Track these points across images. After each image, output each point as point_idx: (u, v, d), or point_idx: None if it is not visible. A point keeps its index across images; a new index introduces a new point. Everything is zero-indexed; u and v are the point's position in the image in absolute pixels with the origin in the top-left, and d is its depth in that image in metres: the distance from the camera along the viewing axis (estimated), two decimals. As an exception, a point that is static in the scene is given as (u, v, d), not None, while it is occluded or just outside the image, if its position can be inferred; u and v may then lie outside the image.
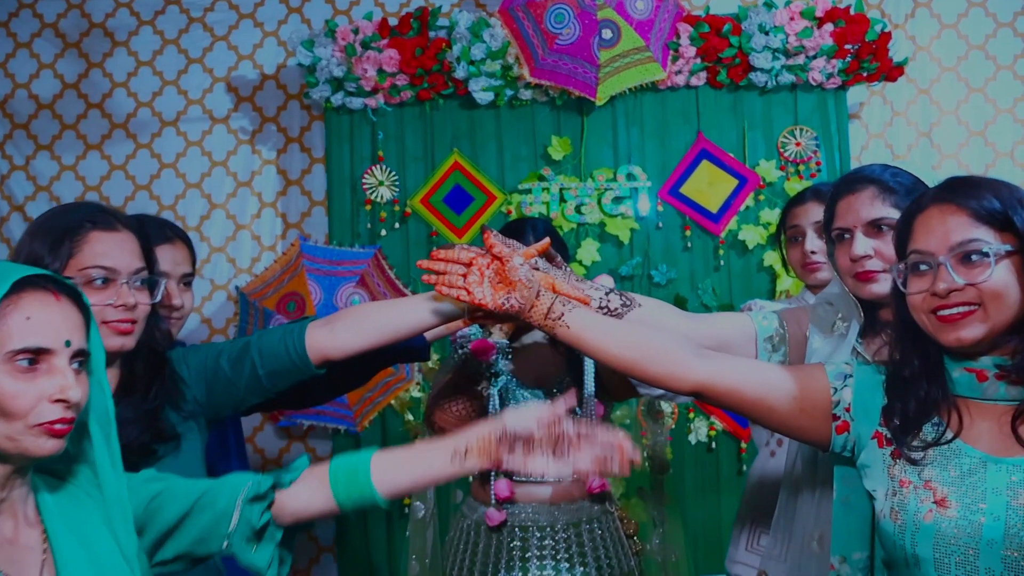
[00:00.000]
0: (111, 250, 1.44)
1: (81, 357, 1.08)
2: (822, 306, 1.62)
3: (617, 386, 2.01)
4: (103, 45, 3.57)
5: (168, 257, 1.76)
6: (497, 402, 2.01)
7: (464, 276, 1.41)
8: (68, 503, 1.12)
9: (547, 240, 1.51)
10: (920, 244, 1.22)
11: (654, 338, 1.38)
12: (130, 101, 3.57)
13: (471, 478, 2.11)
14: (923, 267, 1.21)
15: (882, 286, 1.49)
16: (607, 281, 1.92)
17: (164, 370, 1.52)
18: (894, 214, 1.49)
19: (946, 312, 1.19)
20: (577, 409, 2.06)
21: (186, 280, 1.82)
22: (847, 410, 1.30)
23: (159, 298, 1.51)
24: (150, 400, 1.47)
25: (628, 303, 1.52)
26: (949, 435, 1.22)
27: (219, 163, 3.55)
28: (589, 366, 2.02)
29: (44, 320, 1.05)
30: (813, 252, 2.02)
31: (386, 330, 1.51)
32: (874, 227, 1.50)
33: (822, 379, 1.33)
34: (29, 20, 3.56)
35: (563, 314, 1.39)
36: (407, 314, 1.51)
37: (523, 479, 2.05)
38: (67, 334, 1.06)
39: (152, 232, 1.73)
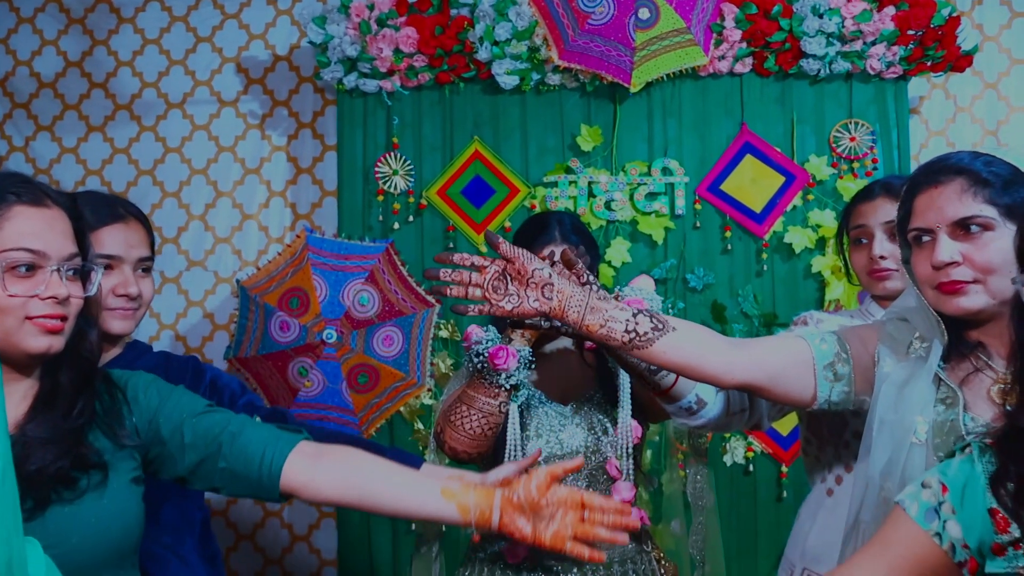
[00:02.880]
0: (40, 230, 1.20)
1: None
2: (894, 322, 1.35)
3: (654, 402, 1.75)
4: (109, 21, 3.39)
5: (120, 239, 1.53)
6: (518, 420, 1.75)
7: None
8: None
9: (565, 250, 1.37)
10: None
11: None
12: (135, 81, 3.38)
13: None
14: None
15: (972, 300, 1.23)
16: (646, 284, 1.68)
17: (94, 382, 1.27)
18: (988, 212, 1.22)
19: None
20: (609, 428, 1.79)
21: (144, 266, 1.60)
22: (965, 547, 1.03)
23: (93, 291, 1.27)
24: (74, 418, 1.22)
25: (660, 327, 1.27)
26: None
27: (227, 148, 3.34)
28: (624, 380, 1.75)
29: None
30: (882, 257, 1.73)
31: (373, 500, 1.28)
32: (962, 227, 1.23)
33: (916, 535, 1.05)
34: (33, -7, 3.39)
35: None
36: (405, 497, 1.27)
37: None
38: None
39: (99, 211, 1.51)
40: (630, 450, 1.76)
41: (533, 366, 1.72)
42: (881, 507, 1.24)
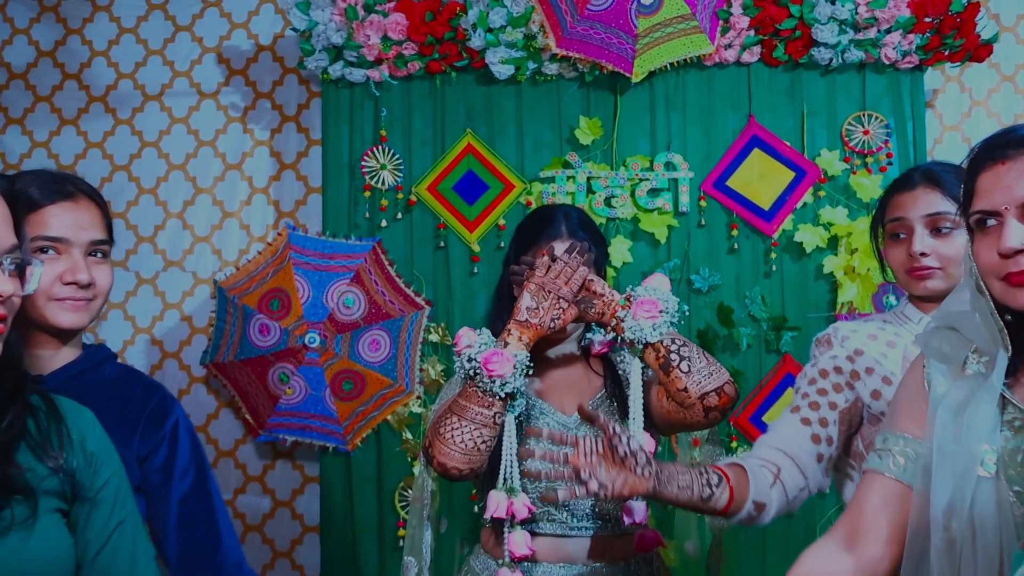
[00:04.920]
0: None
1: None
2: (942, 333, 1.17)
3: (670, 413, 1.58)
4: (83, 9, 3.23)
5: (69, 219, 1.36)
6: (514, 432, 1.58)
7: None
8: None
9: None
10: None
11: None
12: (110, 72, 3.21)
13: (483, 523, 1.67)
14: None
15: None
16: (661, 283, 1.57)
17: (23, 394, 1.09)
18: None
19: None
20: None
21: (97, 250, 1.41)
22: None
23: (32, 289, 1.10)
24: (2, 430, 1.05)
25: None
26: None
27: (206, 143, 3.18)
28: (636, 388, 1.58)
29: None
30: (923, 254, 1.55)
31: None
32: None
33: None
34: (3, -20, 3.23)
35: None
36: None
37: (547, 531, 1.61)
38: None
39: (44, 187, 1.34)
40: None
41: (531, 372, 1.56)
42: (947, 552, 1.06)
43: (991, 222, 1.07)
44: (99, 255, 1.41)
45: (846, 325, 1.64)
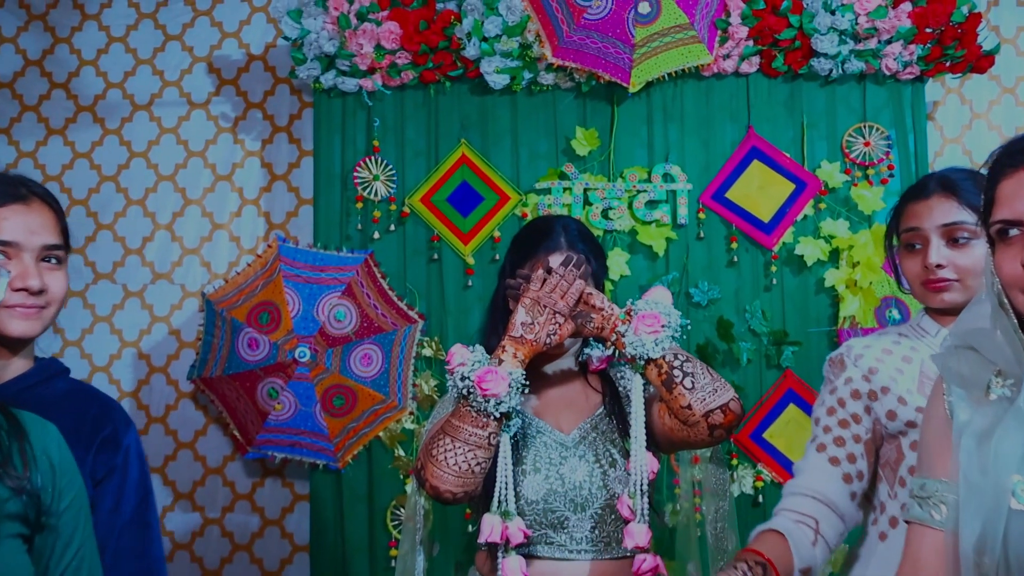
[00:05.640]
0: None
1: None
2: (961, 354, 1.09)
3: (672, 431, 1.52)
4: (71, 18, 3.18)
5: (20, 223, 1.29)
6: (510, 453, 1.51)
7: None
8: None
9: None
10: None
11: None
12: (99, 81, 3.16)
13: (478, 546, 1.60)
14: None
15: None
16: (663, 296, 1.51)
17: None
18: None
19: None
20: (618, 461, 1.57)
21: (51, 255, 1.34)
22: None
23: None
24: None
25: None
26: None
27: (196, 153, 3.12)
28: (637, 406, 1.52)
29: None
30: (939, 266, 1.49)
31: None
32: None
33: None
34: (-10, -12, 3.18)
35: None
36: None
37: (545, 554, 1.55)
38: None
39: None
40: (645, 487, 1.52)
41: (527, 390, 1.50)
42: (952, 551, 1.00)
43: (1013, 232, 1.01)
44: (53, 261, 1.34)
45: (859, 342, 1.58)
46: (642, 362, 1.49)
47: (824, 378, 1.61)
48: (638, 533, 1.49)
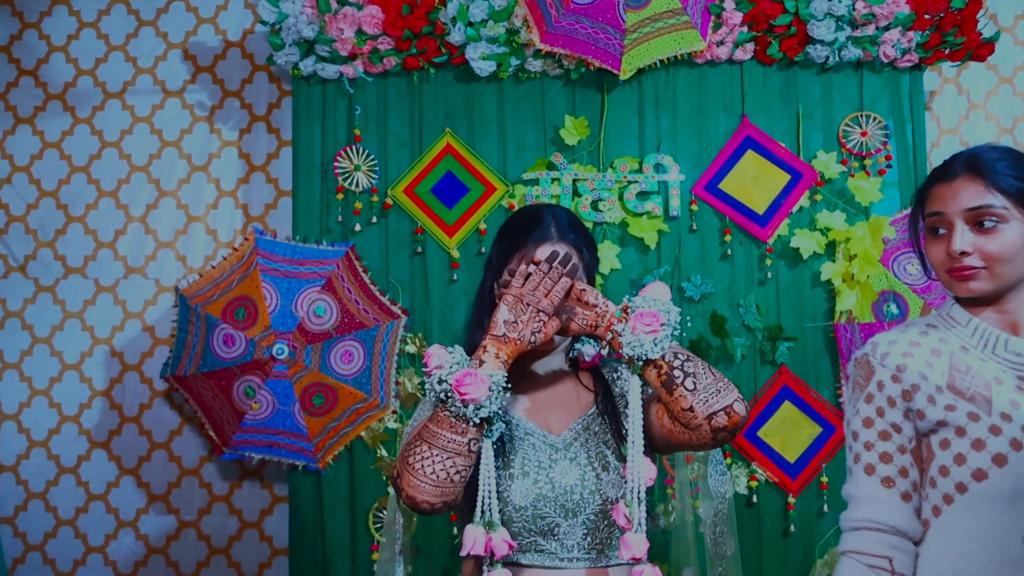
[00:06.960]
0: None
1: None
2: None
3: (672, 433, 1.43)
4: (40, 3, 3.07)
5: None
6: (492, 460, 1.42)
7: None
8: None
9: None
10: None
11: None
12: (69, 68, 3.04)
13: (462, 557, 1.50)
14: None
15: None
16: (661, 292, 1.42)
17: None
18: None
19: None
20: (611, 463, 1.48)
21: None
22: None
23: None
24: None
25: None
26: None
27: (171, 143, 3.01)
28: (635, 406, 1.43)
29: None
30: (964, 253, 1.40)
31: None
32: None
33: None
34: (-46, -29, 3.05)
35: None
36: None
37: (534, 563, 1.45)
38: None
39: None
40: (642, 494, 1.43)
41: (511, 391, 1.40)
42: None
43: None
44: None
45: (884, 337, 1.47)
46: (640, 363, 1.40)
47: (851, 381, 1.50)
48: (635, 544, 1.40)
